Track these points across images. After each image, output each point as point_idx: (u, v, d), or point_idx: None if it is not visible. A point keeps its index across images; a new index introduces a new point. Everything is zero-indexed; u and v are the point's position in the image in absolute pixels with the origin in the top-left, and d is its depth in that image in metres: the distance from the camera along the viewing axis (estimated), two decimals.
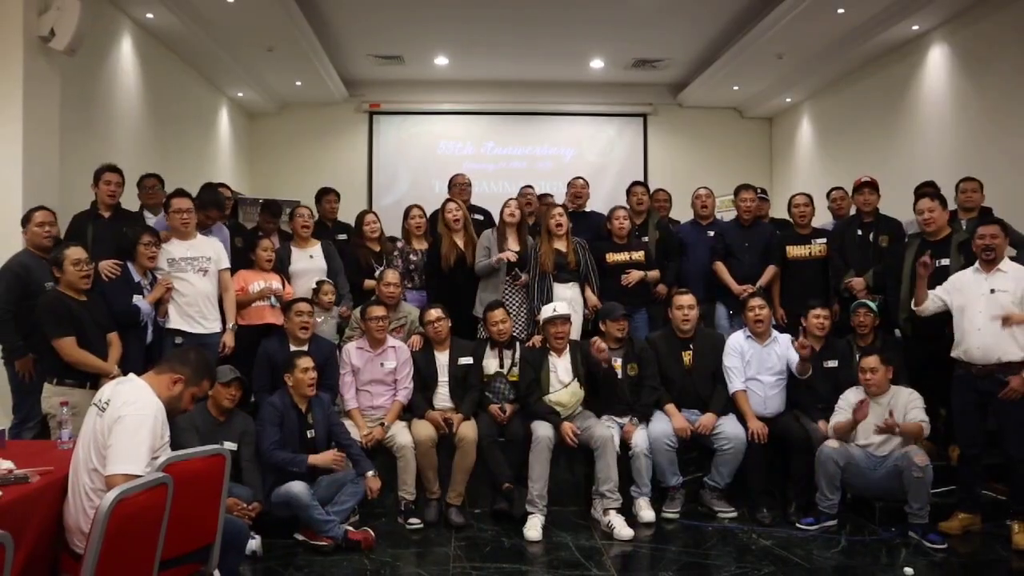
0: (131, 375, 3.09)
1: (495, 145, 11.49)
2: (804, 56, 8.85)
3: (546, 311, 5.26)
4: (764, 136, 11.90)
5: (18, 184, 5.26)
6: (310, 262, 5.82)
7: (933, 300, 4.80)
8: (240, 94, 10.39)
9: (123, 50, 7.29)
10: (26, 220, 4.75)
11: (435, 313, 5.25)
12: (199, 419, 4.40)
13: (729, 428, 5.01)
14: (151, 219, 5.54)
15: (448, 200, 6.03)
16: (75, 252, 4.33)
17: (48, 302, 4.29)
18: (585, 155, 11.54)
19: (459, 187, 6.68)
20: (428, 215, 6.37)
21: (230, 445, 4.36)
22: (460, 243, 5.79)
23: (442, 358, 5.26)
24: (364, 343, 5.20)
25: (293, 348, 4.98)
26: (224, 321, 5.14)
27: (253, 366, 5.03)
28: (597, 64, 10.42)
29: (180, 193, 5.18)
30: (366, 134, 11.54)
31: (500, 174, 11.29)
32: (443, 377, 5.23)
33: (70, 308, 4.27)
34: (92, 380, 4.31)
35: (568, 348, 5.22)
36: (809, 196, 6.10)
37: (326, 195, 6.88)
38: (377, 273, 5.67)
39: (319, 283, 5.62)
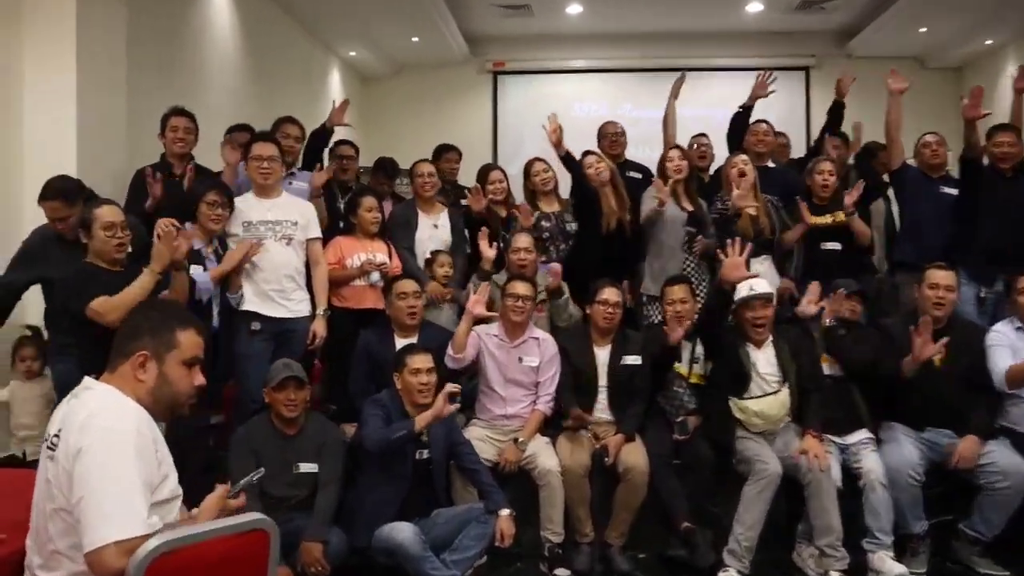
0: (86, 379, 1.98)
1: (633, 107, 10.08)
2: None
3: (741, 289, 3.87)
4: (951, 90, 10.09)
5: (72, 149, 4.40)
6: (433, 232, 4.72)
7: None
8: (352, 53, 9.56)
9: None
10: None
11: (613, 296, 4.01)
12: (259, 438, 3.37)
13: (1003, 458, 3.56)
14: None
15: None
16: (108, 212, 3.28)
17: (71, 275, 3.25)
18: None
19: (610, 138, 5.55)
20: None
21: (308, 467, 3.38)
22: (614, 204, 4.59)
23: (602, 355, 3.99)
24: (499, 331, 4.03)
25: (399, 340, 3.90)
26: (314, 303, 4.09)
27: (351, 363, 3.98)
28: (755, 8, 9.00)
29: (262, 136, 4.13)
30: (490, 96, 10.63)
31: (639, 139, 9.82)
32: (602, 381, 3.97)
33: (98, 276, 3.23)
34: None
35: (771, 340, 3.88)
36: None
37: (446, 152, 5.91)
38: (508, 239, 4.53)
39: (434, 253, 4.53)
